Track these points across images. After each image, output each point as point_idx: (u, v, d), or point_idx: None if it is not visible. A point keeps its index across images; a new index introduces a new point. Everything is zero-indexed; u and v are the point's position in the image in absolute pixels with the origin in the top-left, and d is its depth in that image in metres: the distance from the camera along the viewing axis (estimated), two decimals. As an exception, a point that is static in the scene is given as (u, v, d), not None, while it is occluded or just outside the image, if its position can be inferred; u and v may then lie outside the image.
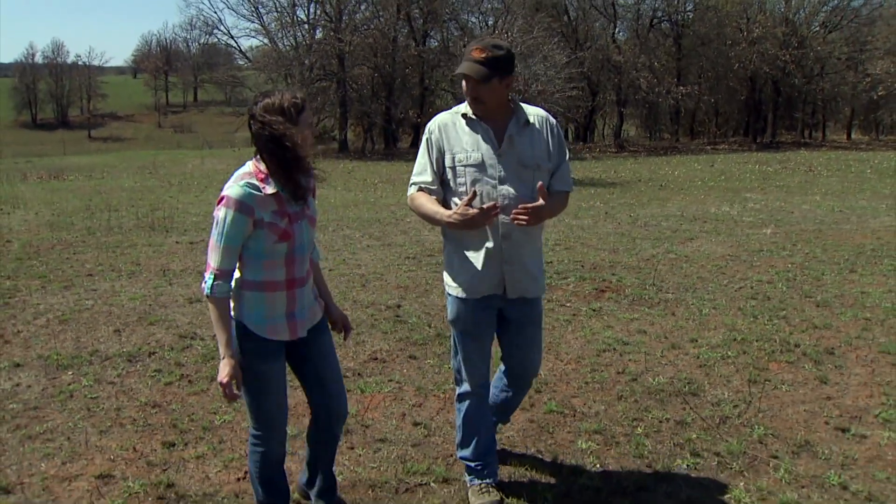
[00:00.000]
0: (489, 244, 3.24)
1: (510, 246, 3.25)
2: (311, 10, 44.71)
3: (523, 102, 3.42)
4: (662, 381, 5.09)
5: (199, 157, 36.17)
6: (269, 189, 2.80)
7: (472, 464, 3.55)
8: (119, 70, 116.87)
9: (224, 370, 2.79)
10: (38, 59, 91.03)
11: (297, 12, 44.64)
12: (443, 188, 3.36)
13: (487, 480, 3.52)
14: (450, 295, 3.44)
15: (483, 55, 3.15)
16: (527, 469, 3.87)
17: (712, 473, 3.83)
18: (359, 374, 5.27)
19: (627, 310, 6.96)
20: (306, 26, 44.74)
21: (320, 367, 3.12)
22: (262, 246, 2.81)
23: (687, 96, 42.52)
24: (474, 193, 3.14)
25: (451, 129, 3.34)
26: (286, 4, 44.31)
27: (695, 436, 4.25)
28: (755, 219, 13.27)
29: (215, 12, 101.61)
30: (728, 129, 51.67)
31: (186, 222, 12.78)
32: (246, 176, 2.81)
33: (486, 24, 41.65)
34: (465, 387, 3.52)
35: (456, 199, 3.27)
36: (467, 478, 3.58)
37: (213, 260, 2.80)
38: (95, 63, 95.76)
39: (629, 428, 4.35)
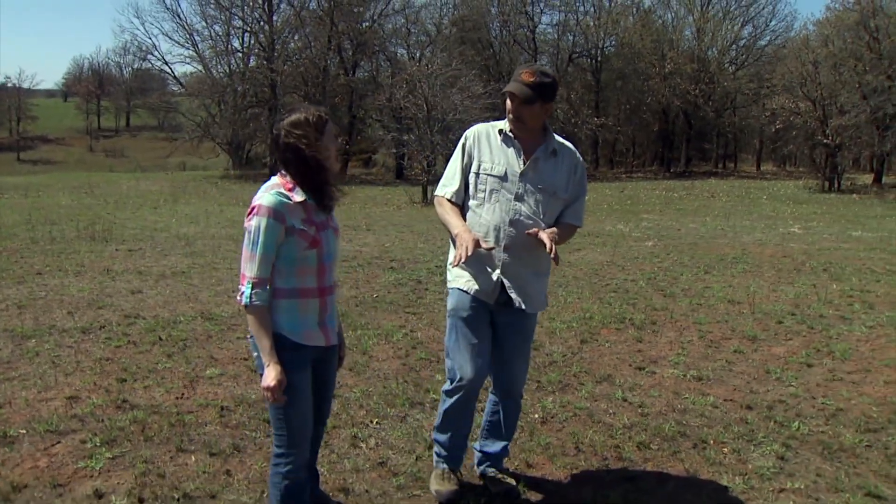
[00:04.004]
0: (494, 253, 3.49)
1: (510, 257, 3.47)
2: (246, 39, 45.87)
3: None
4: (514, 341, 6.46)
5: (133, 178, 36.75)
6: (298, 197, 2.89)
7: (442, 449, 3.79)
8: (49, 93, 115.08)
9: (270, 375, 2.84)
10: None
11: (232, 41, 45.77)
12: (464, 192, 3.61)
13: (452, 466, 3.79)
14: (451, 288, 3.65)
15: (531, 79, 3.37)
16: (395, 389, 5.18)
17: (531, 393, 5.19)
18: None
19: (506, 298, 8.30)
20: (240, 54, 45.83)
21: (327, 378, 3.24)
22: (293, 253, 2.89)
23: (602, 127, 44.87)
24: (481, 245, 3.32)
25: (485, 140, 3.57)
26: (221, 33, 45.40)
27: (526, 372, 5.62)
28: (643, 234, 14.87)
29: (150, 38, 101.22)
30: (646, 159, 54.30)
31: (125, 234, 13.74)
32: (275, 186, 2.91)
33: (413, 56, 43.35)
34: (456, 382, 3.61)
35: (472, 203, 3.56)
36: (434, 458, 3.86)
37: (248, 270, 2.86)
38: (25, 85, 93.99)
39: (479, 368, 5.69)
